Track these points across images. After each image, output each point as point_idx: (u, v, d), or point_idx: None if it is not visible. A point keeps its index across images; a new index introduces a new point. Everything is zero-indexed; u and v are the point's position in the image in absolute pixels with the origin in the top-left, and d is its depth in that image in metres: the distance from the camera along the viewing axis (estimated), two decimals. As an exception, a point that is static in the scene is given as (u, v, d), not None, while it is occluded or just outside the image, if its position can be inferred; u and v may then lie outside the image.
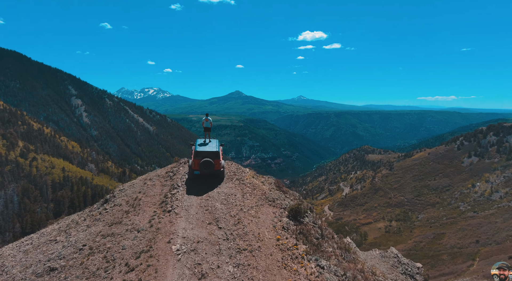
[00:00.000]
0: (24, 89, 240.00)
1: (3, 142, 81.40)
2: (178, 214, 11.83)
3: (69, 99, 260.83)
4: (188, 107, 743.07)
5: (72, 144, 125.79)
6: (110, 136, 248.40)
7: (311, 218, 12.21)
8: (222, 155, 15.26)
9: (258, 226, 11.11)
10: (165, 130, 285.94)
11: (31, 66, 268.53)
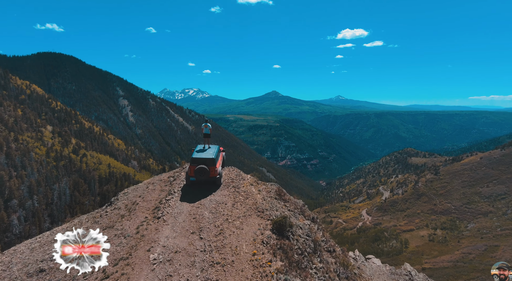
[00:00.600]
0: (79, 90, 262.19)
1: (59, 139, 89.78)
2: (166, 222, 11.73)
3: (117, 100, 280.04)
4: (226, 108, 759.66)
5: (118, 142, 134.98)
6: (153, 135, 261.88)
7: (306, 229, 11.63)
8: (221, 162, 15.10)
9: (239, 238, 10.72)
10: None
11: (85, 70, 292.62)
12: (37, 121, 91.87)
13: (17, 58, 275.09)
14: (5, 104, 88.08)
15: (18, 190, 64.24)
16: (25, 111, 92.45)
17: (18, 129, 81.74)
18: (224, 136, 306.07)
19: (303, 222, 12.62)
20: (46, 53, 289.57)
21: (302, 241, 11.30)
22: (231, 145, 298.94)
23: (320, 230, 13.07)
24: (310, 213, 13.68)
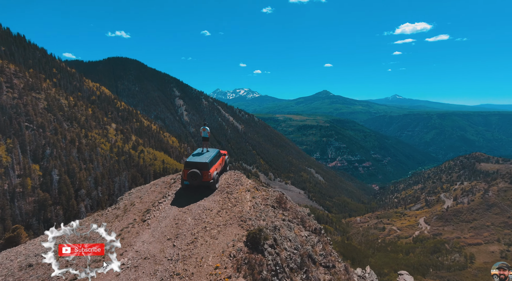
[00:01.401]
0: (141, 91, 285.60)
1: (121, 136, 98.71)
2: (149, 225, 11.57)
3: (173, 100, 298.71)
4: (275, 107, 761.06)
5: (172, 139, 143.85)
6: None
7: (296, 242, 10.46)
8: (221, 166, 14.68)
9: (209, 249, 10.14)
10: (252, 129, 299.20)
11: (147, 72, 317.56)
12: (104, 120, 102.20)
13: (91, 63, 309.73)
14: (79, 104, 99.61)
15: (86, 181, 72.20)
16: (94, 111, 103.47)
17: (88, 127, 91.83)
18: (273, 136, 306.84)
19: (297, 233, 11.64)
20: (115, 58, 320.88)
21: (286, 255, 10.30)
22: (280, 145, 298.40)
23: (321, 243, 11.86)
24: (313, 224, 12.60)
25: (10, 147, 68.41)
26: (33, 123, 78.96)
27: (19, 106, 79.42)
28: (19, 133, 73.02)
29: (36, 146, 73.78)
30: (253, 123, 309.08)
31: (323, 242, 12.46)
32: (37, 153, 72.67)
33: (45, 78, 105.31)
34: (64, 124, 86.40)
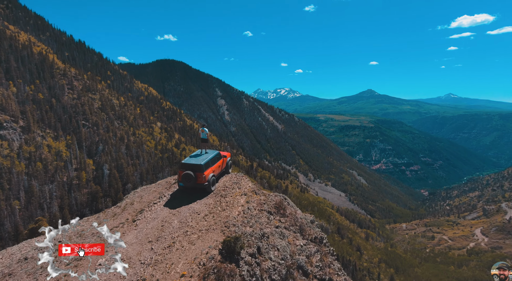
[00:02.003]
0: (186, 92, 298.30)
1: (165, 134, 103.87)
2: (137, 226, 11.42)
3: (215, 100, 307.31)
4: (316, 107, 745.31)
5: (213, 138, 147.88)
6: (245, 133, 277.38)
7: (286, 252, 9.46)
8: (220, 168, 14.30)
9: (182, 255, 9.68)
10: (292, 129, 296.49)
11: (191, 73, 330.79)
12: (150, 119, 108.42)
13: (141, 65, 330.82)
14: (128, 104, 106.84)
15: (133, 176, 77.18)
16: (142, 110, 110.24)
17: (136, 125, 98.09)
18: (313, 136, 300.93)
19: (291, 242, 10.72)
20: (162, 60, 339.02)
21: (270, 266, 9.53)
22: (320, 145, 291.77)
23: (320, 253, 10.70)
24: (314, 232, 11.46)
25: (69, 142, 75.64)
26: (88, 121, 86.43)
27: (78, 106, 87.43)
28: (77, 131, 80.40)
29: (90, 142, 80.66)
30: (293, 123, 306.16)
31: (323, 252, 11.27)
32: (91, 149, 79.40)
33: (100, 80, 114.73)
34: (115, 122, 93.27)
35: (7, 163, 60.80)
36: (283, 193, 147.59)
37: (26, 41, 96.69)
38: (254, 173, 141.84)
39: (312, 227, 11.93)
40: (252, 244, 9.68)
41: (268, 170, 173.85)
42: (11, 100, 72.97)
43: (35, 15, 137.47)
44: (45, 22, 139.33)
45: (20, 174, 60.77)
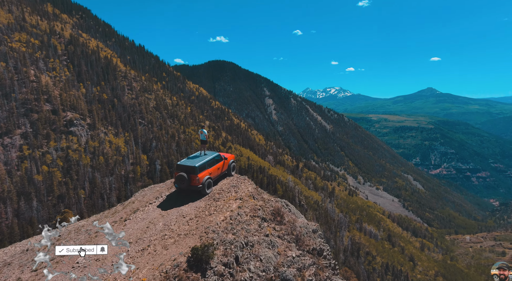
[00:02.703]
0: (235, 91, 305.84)
1: (213, 133, 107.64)
2: (125, 226, 11.27)
3: (263, 99, 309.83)
4: (368, 107, 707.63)
5: (259, 137, 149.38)
6: (292, 132, 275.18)
7: (270, 263, 8.54)
8: (219, 171, 13.84)
9: (151, 260, 9.25)
10: (342, 129, 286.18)
11: (241, 73, 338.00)
12: (199, 117, 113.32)
13: (194, 66, 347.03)
14: (180, 103, 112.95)
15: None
16: (192, 109, 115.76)
17: (186, 123, 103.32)
18: (364, 138, 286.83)
19: (282, 253, 9.82)
20: (214, 61, 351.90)
21: (247, 277, 8.81)
22: (371, 147, 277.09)
23: (315, 267, 9.52)
24: (313, 243, 10.09)
25: (127, 139, 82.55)
26: (144, 119, 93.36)
27: (135, 105, 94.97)
28: (134, 128, 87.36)
29: (145, 139, 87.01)
30: (342, 124, 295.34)
31: (320, 265, 10.00)
32: (146, 145, 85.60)
33: (156, 81, 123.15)
34: (168, 121, 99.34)
35: (76, 156, 68.48)
36: (329, 195, 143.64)
37: (95, 47, 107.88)
38: (300, 173, 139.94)
39: (313, 237, 10.81)
40: (230, 252, 9.17)
41: (315, 171, 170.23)
42: (81, 100, 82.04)
43: (104, 23, 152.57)
44: (112, 29, 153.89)
45: (86, 167, 67.98)
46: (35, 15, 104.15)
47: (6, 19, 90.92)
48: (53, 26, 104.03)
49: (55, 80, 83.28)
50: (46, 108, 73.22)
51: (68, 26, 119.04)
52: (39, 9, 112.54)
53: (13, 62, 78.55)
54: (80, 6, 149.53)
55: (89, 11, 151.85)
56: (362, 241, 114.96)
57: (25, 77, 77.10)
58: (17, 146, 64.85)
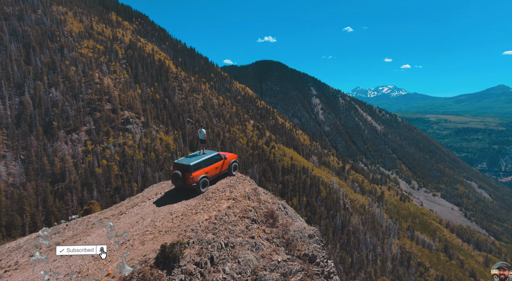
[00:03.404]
0: (281, 91, 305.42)
1: (257, 132, 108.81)
2: (119, 220, 11.53)
3: (310, 99, 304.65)
4: (426, 106, 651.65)
5: (304, 137, 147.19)
6: (339, 133, 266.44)
7: (248, 266, 8.01)
8: (217, 170, 13.61)
9: (113, 256, 9.19)
10: (394, 130, 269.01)
11: (288, 73, 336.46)
12: (244, 117, 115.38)
13: (242, 67, 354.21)
14: (226, 103, 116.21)
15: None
16: (237, 109, 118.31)
17: (231, 123, 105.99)
18: (419, 140, 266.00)
19: (266, 256, 9.30)
20: (261, 61, 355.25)
21: (219, 278, 8.55)
22: (428, 150, 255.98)
23: (303, 273, 8.83)
24: (306, 248, 9.19)
25: (176, 137, 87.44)
26: (192, 118, 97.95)
27: (184, 104, 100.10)
28: (183, 127, 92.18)
29: (193, 137, 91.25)
30: (395, 124, 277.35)
31: (309, 272, 9.18)
32: (193, 143, 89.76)
33: (205, 81, 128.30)
34: (214, 120, 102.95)
35: (131, 152, 74.49)
36: (378, 199, 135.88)
37: (150, 51, 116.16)
38: (346, 175, 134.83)
39: (307, 242, 10.06)
40: (206, 252, 9.09)
41: (362, 173, 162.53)
42: (137, 100, 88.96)
43: (159, 28, 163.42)
44: (166, 33, 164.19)
45: (139, 162, 73.57)
46: (101, 23, 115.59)
47: (78, 28, 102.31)
48: (116, 33, 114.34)
49: (115, 82, 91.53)
50: (107, 108, 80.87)
51: (129, 32, 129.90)
52: (104, 18, 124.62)
53: (82, 67, 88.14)
54: (139, 13, 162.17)
55: (147, 17, 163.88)
56: (414, 250, 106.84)
57: (91, 79, 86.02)
58: (82, 141, 72.69)
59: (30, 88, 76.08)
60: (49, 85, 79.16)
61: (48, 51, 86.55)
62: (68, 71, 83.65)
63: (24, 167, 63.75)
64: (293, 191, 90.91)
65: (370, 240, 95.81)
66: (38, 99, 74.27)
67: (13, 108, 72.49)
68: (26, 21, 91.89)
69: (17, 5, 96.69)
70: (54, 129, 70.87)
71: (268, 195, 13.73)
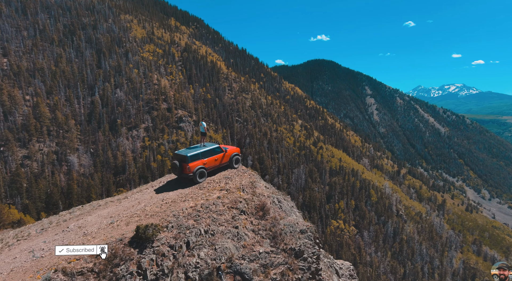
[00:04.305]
0: (333, 91, 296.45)
1: (304, 132, 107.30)
2: (120, 203, 12.24)
3: (364, 99, 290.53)
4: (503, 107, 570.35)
5: (355, 139, 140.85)
6: (396, 135, 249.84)
7: (218, 252, 7.69)
8: (214, 161, 13.72)
9: (109, 232, 9.72)
10: (461, 133, 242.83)
11: (340, 72, 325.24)
12: (292, 116, 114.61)
13: (293, 66, 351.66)
14: (274, 103, 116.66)
15: (271, 169, 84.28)
16: (285, 108, 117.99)
17: (278, 122, 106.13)
18: (493, 144, 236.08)
19: (247, 245, 9.40)
20: (312, 60, 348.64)
21: (192, 262, 8.70)
22: (503, 156, 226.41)
23: (285, 266, 8.57)
24: (294, 243, 8.51)
25: (225, 135, 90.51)
26: (241, 117, 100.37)
27: (234, 104, 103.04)
28: (231, 125, 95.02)
29: (240, 136, 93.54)
30: (462, 126, 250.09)
31: (292, 266, 8.67)
32: (240, 141, 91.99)
33: (255, 81, 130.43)
34: (261, 119, 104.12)
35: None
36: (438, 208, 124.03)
37: (204, 53, 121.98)
38: (401, 180, 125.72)
39: (296, 237, 9.49)
40: (183, 237, 9.29)
41: (421, 179, 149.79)
42: (189, 100, 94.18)
43: (213, 31, 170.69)
44: (219, 36, 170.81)
45: (189, 157, 77.82)
46: (161, 28, 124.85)
47: (141, 34, 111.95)
48: (173, 37, 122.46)
49: (171, 83, 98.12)
50: (163, 107, 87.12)
51: (185, 35, 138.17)
52: (164, 24, 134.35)
53: (143, 69, 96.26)
54: (195, 18, 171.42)
55: (202, 21, 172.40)
56: (480, 267, 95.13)
57: (150, 81, 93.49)
58: (141, 138, 79.42)
59: (99, 89, 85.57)
60: (115, 86, 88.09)
61: (115, 56, 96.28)
62: (131, 74, 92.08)
63: (93, 159, 71.97)
64: (340, 193, 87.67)
65: (426, 251, 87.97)
66: (105, 99, 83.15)
67: (85, 107, 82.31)
68: (99, 29, 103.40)
69: (92, 15, 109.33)
70: (117, 126, 78.72)
71: (271, 189, 13.69)
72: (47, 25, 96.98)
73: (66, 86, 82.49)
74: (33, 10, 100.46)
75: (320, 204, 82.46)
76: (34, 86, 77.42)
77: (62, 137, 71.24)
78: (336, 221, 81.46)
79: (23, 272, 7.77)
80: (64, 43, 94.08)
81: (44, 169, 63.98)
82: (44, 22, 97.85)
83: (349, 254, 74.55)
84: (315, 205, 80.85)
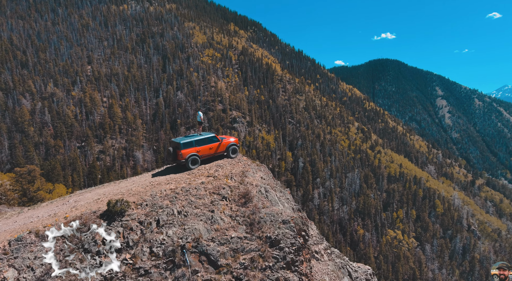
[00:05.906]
0: (397, 92, 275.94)
1: (361, 135, 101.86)
2: (119, 184, 13.30)
3: (434, 100, 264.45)
4: None
5: (420, 144, 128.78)
6: (473, 141, 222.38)
7: (185, 232, 7.68)
8: (208, 150, 14.33)
9: (93, 206, 10.26)
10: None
11: (406, 71, 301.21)
12: (348, 119, 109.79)
13: (353, 67, 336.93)
14: (329, 104, 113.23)
15: (323, 171, 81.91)
16: (341, 110, 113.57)
17: (333, 124, 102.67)
18: None
19: (219, 229, 9.60)
20: (375, 60, 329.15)
21: (159, 239, 9.06)
22: None
23: (256, 253, 8.66)
24: (271, 232, 8.69)
25: (276, 136, 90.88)
26: (293, 119, 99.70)
27: (287, 105, 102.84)
28: (284, 127, 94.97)
29: (292, 137, 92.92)
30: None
31: (264, 254, 8.48)
32: (292, 143, 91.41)
33: (310, 83, 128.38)
34: (315, 121, 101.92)
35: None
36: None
37: (260, 55, 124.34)
38: (475, 191, 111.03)
39: (276, 227, 8.85)
40: (154, 215, 9.62)
41: (503, 192, 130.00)
42: (244, 101, 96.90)
43: (270, 34, 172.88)
44: (276, 38, 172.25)
45: (241, 157, 80.00)
46: (220, 33, 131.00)
47: (202, 39, 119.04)
48: (231, 41, 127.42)
49: (227, 85, 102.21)
50: (218, 108, 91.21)
51: (243, 39, 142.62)
52: (224, 29, 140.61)
53: (202, 72, 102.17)
54: (254, 22, 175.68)
55: (260, 24, 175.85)
56: None
57: (208, 83, 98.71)
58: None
59: (163, 92, 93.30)
60: (176, 89, 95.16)
61: (178, 61, 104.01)
62: (191, 77, 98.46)
63: (155, 155, 78.76)
64: (399, 202, 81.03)
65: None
66: (168, 101, 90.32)
67: (151, 108, 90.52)
68: (165, 37, 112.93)
69: (160, 24, 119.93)
70: (177, 126, 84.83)
71: (267, 180, 13.36)
72: (123, 35, 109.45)
73: (136, 89, 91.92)
74: (113, 23, 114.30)
75: (376, 211, 77.32)
76: (110, 90, 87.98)
77: (131, 135, 79.46)
78: (394, 231, 75.51)
79: (9, 233, 9.06)
80: (136, 50, 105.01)
81: (115, 162, 72.12)
82: (121, 32, 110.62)
83: (407, 268, 68.42)
84: (370, 212, 76.08)
